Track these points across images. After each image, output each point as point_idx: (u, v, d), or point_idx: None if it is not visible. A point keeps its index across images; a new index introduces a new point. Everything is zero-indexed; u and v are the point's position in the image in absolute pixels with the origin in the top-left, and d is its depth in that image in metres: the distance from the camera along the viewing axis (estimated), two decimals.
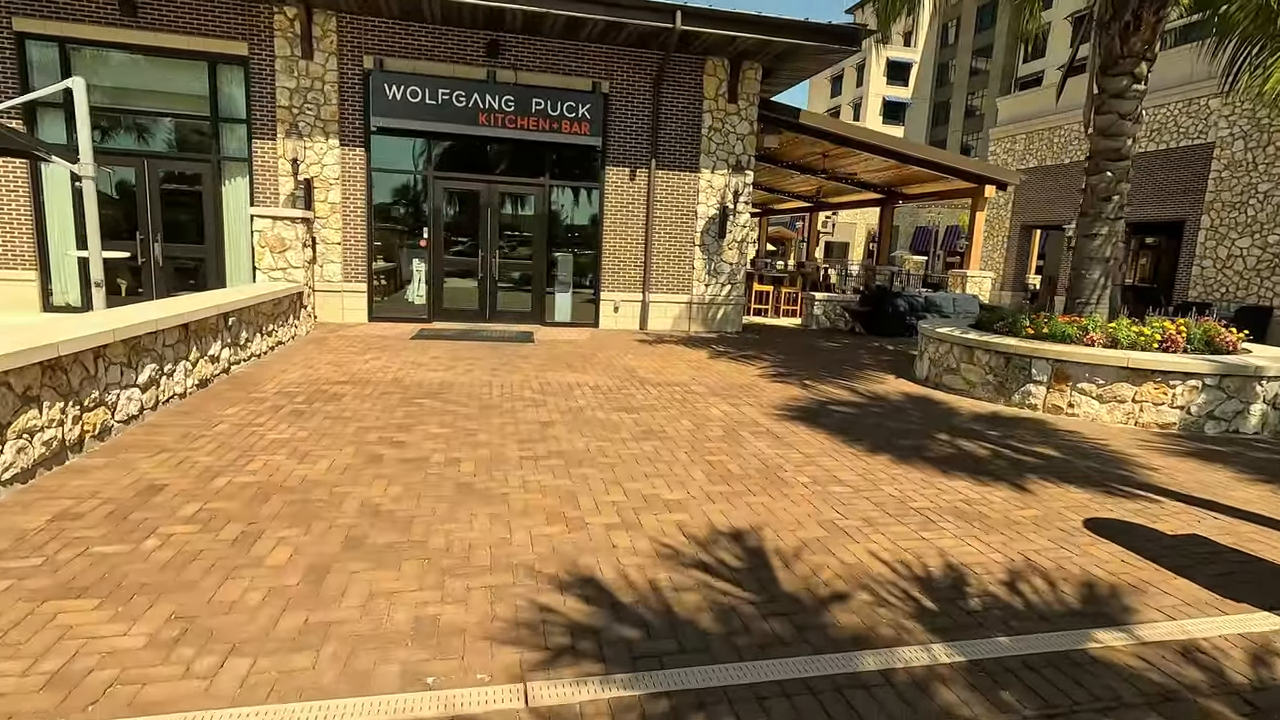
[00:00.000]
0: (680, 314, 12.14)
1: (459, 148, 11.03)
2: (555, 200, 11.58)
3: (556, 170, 11.45)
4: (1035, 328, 7.44)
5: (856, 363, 9.53)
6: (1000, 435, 5.92)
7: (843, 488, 4.37)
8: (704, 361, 8.98)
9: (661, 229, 11.82)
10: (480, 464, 4.47)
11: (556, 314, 11.82)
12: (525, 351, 9.03)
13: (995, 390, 7.24)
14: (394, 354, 8.31)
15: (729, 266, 12.19)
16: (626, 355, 9.15)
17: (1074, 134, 19.90)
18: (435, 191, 11.00)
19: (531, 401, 6.27)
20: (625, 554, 3.28)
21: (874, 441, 5.49)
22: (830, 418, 6.23)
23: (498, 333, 10.55)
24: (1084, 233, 7.95)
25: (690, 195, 11.85)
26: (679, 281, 12.06)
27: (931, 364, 8.16)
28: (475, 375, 7.31)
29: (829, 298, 13.76)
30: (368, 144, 10.61)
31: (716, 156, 11.81)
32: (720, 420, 5.95)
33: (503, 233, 11.50)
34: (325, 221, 10.57)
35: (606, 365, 8.33)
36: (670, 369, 8.31)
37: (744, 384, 7.62)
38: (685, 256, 12.01)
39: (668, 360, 8.94)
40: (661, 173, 11.66)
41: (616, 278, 11.80)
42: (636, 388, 7.13)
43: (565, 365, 8.18)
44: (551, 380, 7.27)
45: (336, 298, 10.80)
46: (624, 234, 11.70)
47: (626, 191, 11.59)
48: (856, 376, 8.43)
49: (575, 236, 11.89)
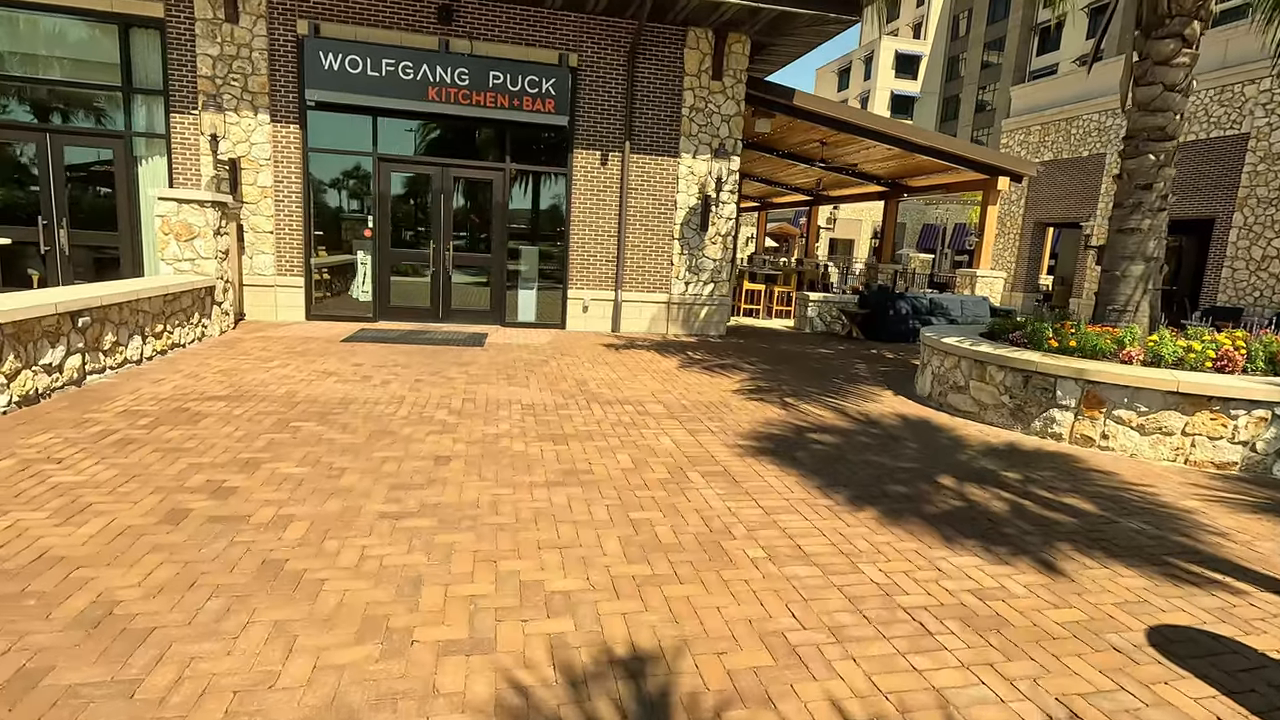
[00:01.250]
0: (657, 315, 10.94)
1: (408, 127, 9.84)
2: (517, 187, 10.39)
3: (519, 153, 10.25)
4: (1060, 340, 6.22)
5: (849, 375, 8.32)
6: (1020, 479, 4.71)
7: (807, 568, 3.18)
8: (673, 372, 7.79)
9: (637, 220, 10.62)
10: (317, 526, 3.30)
11: (519, 313, 10.64)
12: (468, 357, 7.86)
13: (1011, 415, 6.03)
14: (309, 360, 7.15)
15: (712, 263, 10.98)
16: (584, 363, 7.96)
17: (1094, 125, 18.58)
18: (381, 176, 9.82)
19: (440, 426, 5.09)
20: (445, 709, 2.10)
21: (858, 488, 4.30)
22: (807, 451, 5.03)
23: (447, 334, 9.37)
24: (1119, 227, 6.71)
25: (669, 183, 10.64)
26: (656, 279, 10.86)
27: (935, 379, 6.95)
28: (390, 389, 6.13)
29: (824, 298, 12.54)
30: (303, 120, 9.43)
31: (699, 140, 10.59)
32: (668, 455, 4.75)
33: (458, 223, 10.32)
34: (255, 207, 9.40)
35: (555, 376, 7.15)
36: (630, 381, 7.12)
37: (713, 402, 6.43)
38: (663, 251, 10.81)
39: (631, 370, 7.75)
40: (637, 157, 10.45)
41: (586, 274, 10.61)
42: (580, 407, 5.94)
43: (505, 376, 7.00)
44: (480, 396, 6.10)
45: (268, 293, 9.64)
46: (594, 225, 10.50)
47: (597, 178, 10.38)
48: (847, 392, 7.22)
49: (540, 227, 10.70)
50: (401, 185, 10.11)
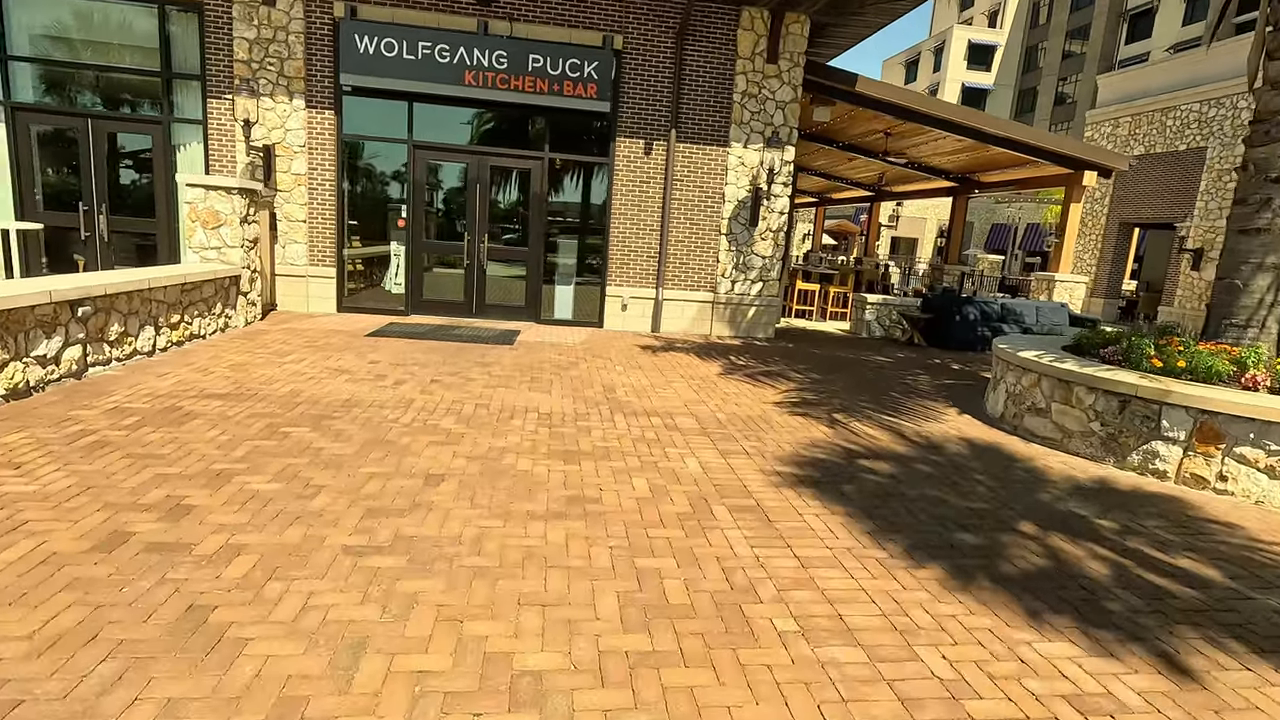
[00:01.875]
0: (700, 314, 10.29)
1: (444, 113, 9.45)
2: (556, 177, 9.88)
3: (558, 141, 9.75)
4: (1165, 359, 5.30)
5: (909, 387, 7.50)
6: (1118, 530, 3.90)
7: (849, 650, 2.52)
8: (711, 379, 7.14)
9: (681, 213, 9.98)
10: (266, 561, 2.82)
11: (555, 310, 10.16)
12: (493, 357, 7.39)
13: (1102, 446, 5.15)
14: (327, 356, 6.81)
15: (761, 260, 10.24)
16: (615, 367, 7.40)
17: (1194, 115, 16.89)
18: (416, 164, 9.47)
19: (444, 437, 4.60)
20: None
21: (916, 535, 3.58)
22: (856, 483, 4.33)
23: (476, 331, 8.95)
24: (1241, 227, 5.71)
25: (717, 174, 9.95)
26: (700, 276, 10.20)
27: (1009, 399, 6.09)
28: (400, 390, 5.70)
29: (883, 301, 11.63)
30: (338, 106, 9.15)
31: (750, 128, 9.86)
32: (693, 483, 4.13)
33: (494, 214, 9.89)
34: (289, 195, 9.18)
35: (582, 381, 6.60)
36: (662, 389, 6.52)
37: (752, 416, 5.76)
38: (709, 247, 10.14)
39: (665, 375, 7.14)
40: (683, 146, 9.80)
41: (626, 270, 10.03)
42: (601, 419, 5.37)
43: (529, 380, 6.49)
44: (496, 402, 5.60)
45: (300, 283, 9.43)
46: (636, 218, 9.91)
47: (640, 168, 9.78)
48: (906, 409, 6.43)
49: (579, 220, 10.18)
50: (437, 174, 9.74)
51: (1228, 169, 15.93)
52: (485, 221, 9.71)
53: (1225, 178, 15.97)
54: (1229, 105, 15.99)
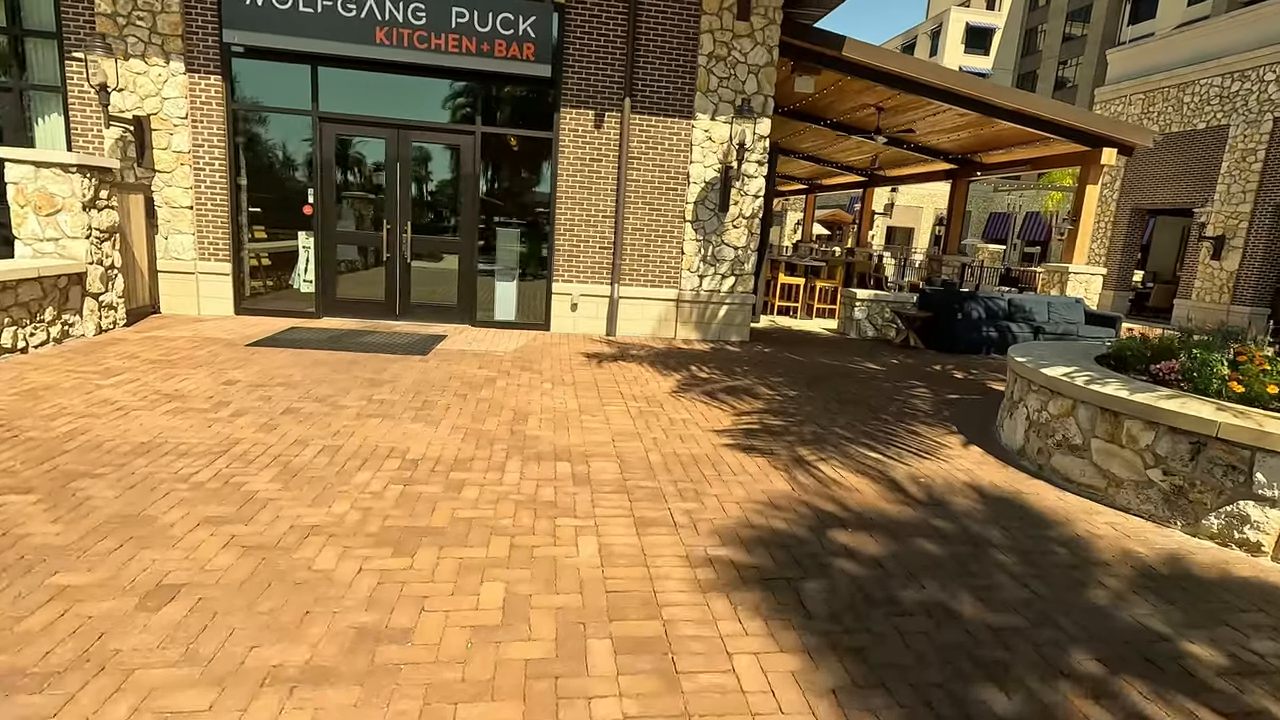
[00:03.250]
0: (664, 314, 8.89)
1: (354, 79, 7.99)
2: (491, 155, 8.45)
3: (492, 113, 8.32)
4: (1247, 382, 3.93)
5: (903, 406, 6.13)
6: (1228, 663, 2.53)
7: None
8: (660, 399, 5.76)
9: (639, 197, 8.57)
10: None
11: (495, 310, 8.75)
12: (395, 372, 6.00)
13: (1166, 503, 3.78)
14: (173, 375, 5.40)
15: (734, 251, 8.84)
16: (543, 384, 6.00)
17: (1215, 91, 15.49)
18: (324, 139, 8.02)
19: (236, 508, 3.21)
20: None
21: (913, 697, 2.21)
22: (824, 580, 2.95)
23: (391, 337, 7.55)
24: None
25: (680, 151, 8.53)
26: (663, 270, 8.80)
27: (1032, 429, 4.72)
28: (232, 427, 4.30)
29: (875, 297, 10.25)
30: (226, 70, 7.70)
31: (719, 97, 8.44)
32: (577, 587, 2.75)
33: (419, 199, 8.47)
34: (169, 177, 7.74)
35: (491, 405, 5.21)
36: (591, 417, 5.13)
37: (696, 456, 4.39)
38: (672, 236, 8.73)
39: (603, 395, 5.76)
40: (639, 119, 8.38)
41: (575, 263, 8.62)
42: (489, 468, 3.98)
43: (420, 405, 5.10)
44: (354, 442, 4.21)
45: (188, 281, 8.00)
46: (586, 203, 8.49)
47: (590, 144, 8.36)
48: (899, 440, 5.06)
49: (520, 205, 8.77)
50: (349, 152, 8.30)
51: (1252, 148, 14.56)
52: (408, 208, 8.29)
53: (1250, 158, 14.60)
54: (1254, 78, 14.59)
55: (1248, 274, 14.67)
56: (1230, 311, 14.92)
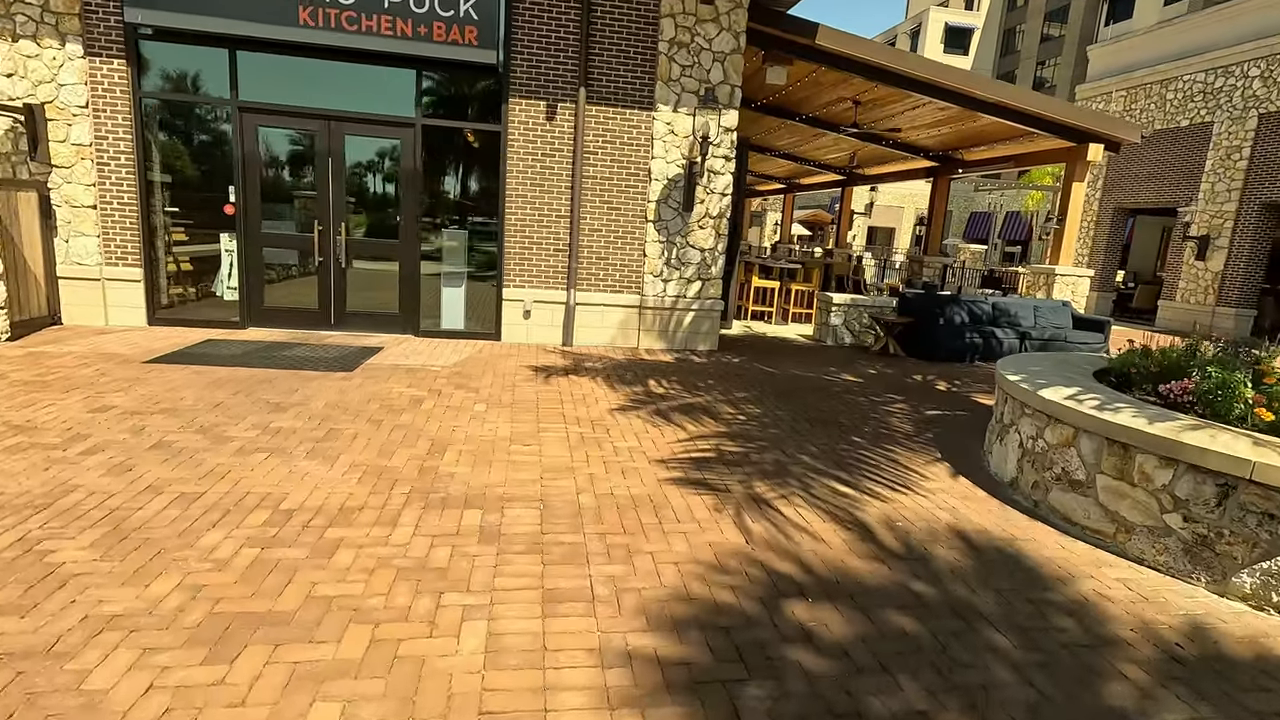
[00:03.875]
0: (626, 322, 8.23)
1: (279, 65, 7.25)
2: (434, 149, 7.73)
3: (434, 103, 7.61)
4: (1278, 409, 3.34)
5: (880, 426, 5.51)
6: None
7: None
8: (606, 422, 5.09)
9: (596, 195, 7.90)
10: None
11: (442, 318, 8.03)
12: (309, 393, 5.28)
13: (1187, 555, 3.18)
14: (39, 400, 4.65)
15: (699, 253, 8.20)
16: (476, 406, 5.31)
17: (1198, 87, 15.12)
18: (245, 132, 7.27)
19: (2, 599, 2.50)
20: None
21: None
22: (773, 684, 2.30)
23: (322, 349, 6.81)
24: None
25: (640, 145, 7.87)
26: (623, 275, 8.14)
27: (1026, 458, 4.11)
28: (76, 469, 3.57)
29: (852, 301, 9.66)
30: (132, 54, 6.92)
31: (681, 87, 7.79)
32: (441, 703, 2.07)
33: (355, 198, 7.73)
34: (68, 173, 6.94)
35: (407, 435, 4.51)
36: (523, 447, 4.45)
37: (636, 498, 3.73)
38: (633, 238, 8.07)
39: (542, 418, 5.08)
40: (596, 110, 7.71)
41: (527, 267, 7.93)
42: (378, 521, 3.29)
43: (323, 435, 4.39)
44: (222, 487, 3.49)
45: (93, 289, 7.20)
46: (539, 202, 7.81)
47: (542, 138, 7.68)
48: (873, 468, 4.43)
49: (467, 204, 8.06)
50: (275, 146, 7.54)
51: (1237, 145, 14.19)
52: (342, 207, 7.55)
53: (1234, 155, 14.23)
54: (1239, 74, 14.23)
55: (1233, 275, 14.30)
56: (1215, 313, 14.55)
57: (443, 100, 7.60)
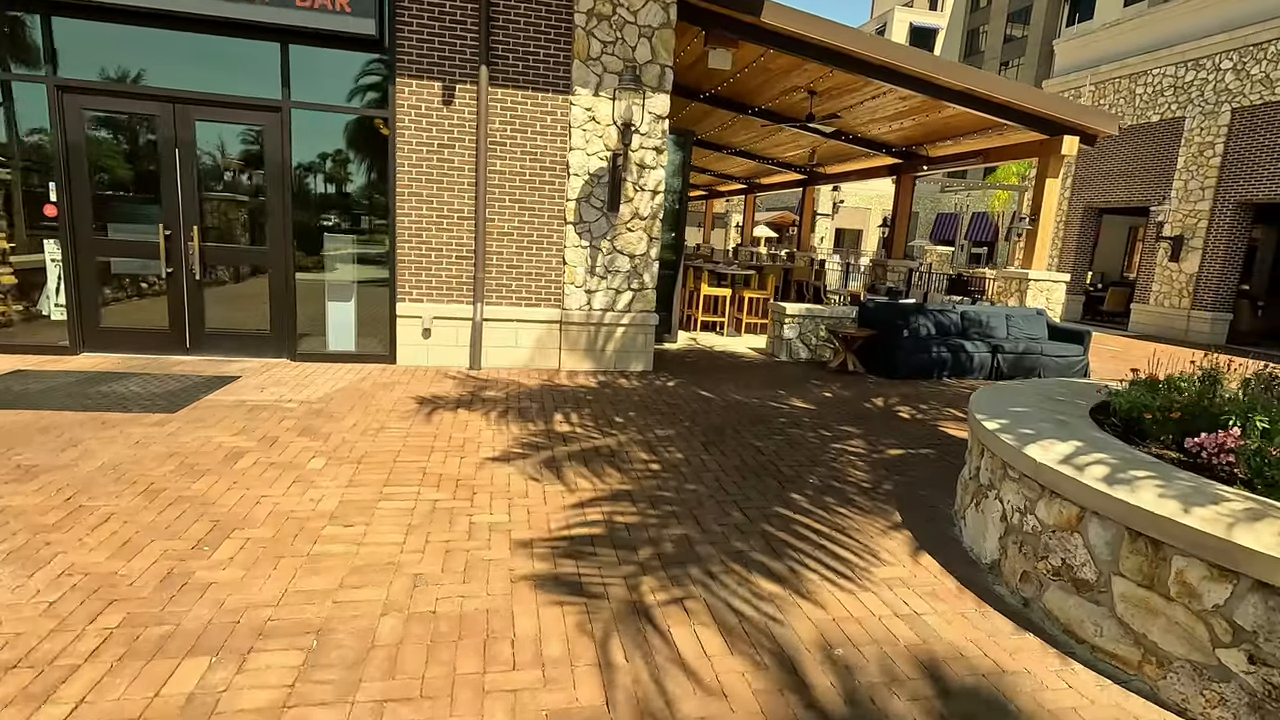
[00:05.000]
0: (545, 340, 7.09)
1: (109, 35, 5.98)
2: (308, 138, 6.52)
3: (306, 84, 6.38)
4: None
5: (829, 474, 4.45)
6: None
7: None
8: (475, 482, 3.95)
9: (506, 194, 6.76)
10: None
11: (329, 337, 6.81)
12: (87, 447, 4.05)
13: (1254, 711, 2.14)
14: None
15: (630, 260, 7.10)
16: (312, 462, 4.12)
17: (1169, 81, 14.49)
18: (68, 116, 5.98)
19: None
20: None
21: None
22: None
23: (157, 381, 5.55)
24: None
25: (556, 134, 6.76)
26: (541, 285, 7.01)
27: (1012, 537, 3.06)
28: None
29: (808, 311, 8.64)
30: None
31: (603, 66, 6.70)
32: None
33: (211, 195, 6.48)
34: None
35: (183, 514, 3.32)
36: (341, 529, 3.29)
37: (466, 618, 2.60)
38: (550, 242, 6.94)
39: (390, 479, 3.92)
40: (501, 93, 6.57)
41: (425, 277, 6.76)
42: (23, 694, 2.11)
43: (51, 524, 3.17)
44: None
45: None
46: (437, 201, 6.64)
47: (439, 125, 6.52)
48: (813, 546, 3.36)
49: (352, 203, 6.86)
50: (108, 133, 6.26)
51: (1210, 141, 13.55)
52: (195, 208, 6.30)
53: (1208, 152, 13.59)
54: (1209, 67, 13.60)
55: (1208, 276, 13.66)
56: (1191, 317, 13.90)
57: (317, 80, 6.38)
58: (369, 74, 6.44)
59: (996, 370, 8.20)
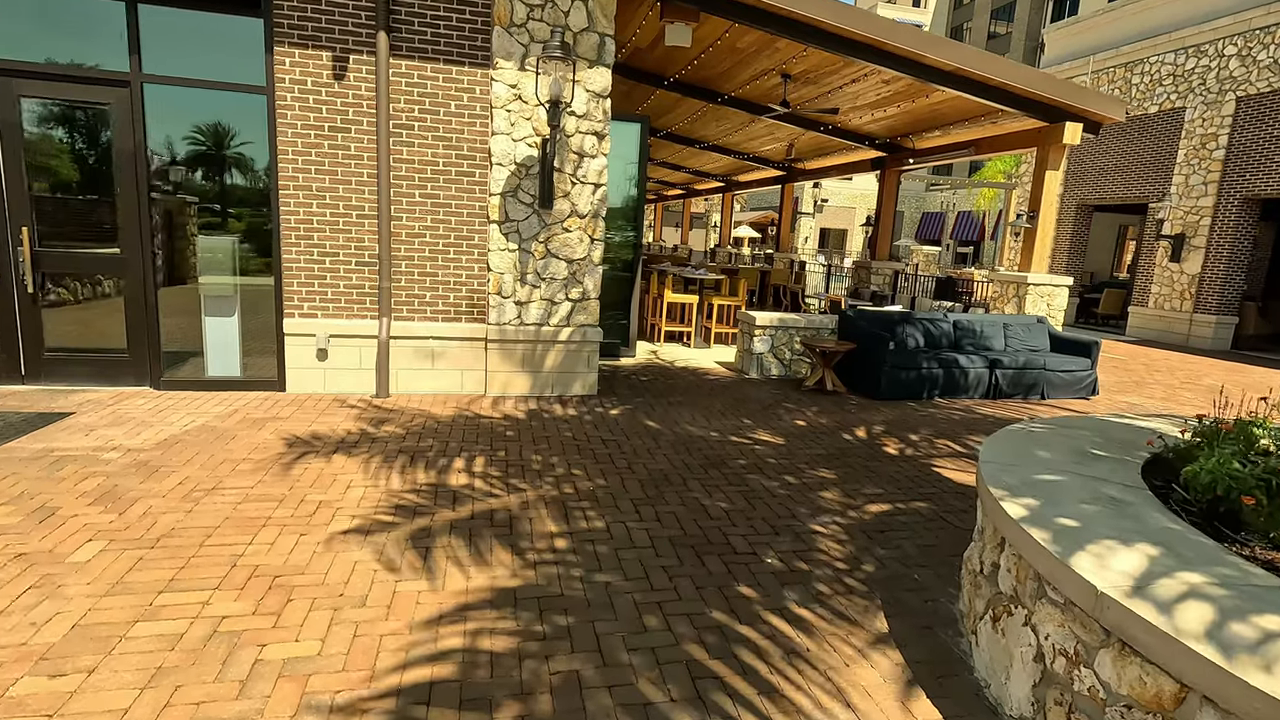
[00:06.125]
0: (469, 360, 5.99)
1: None
2: (166, 119, 5.37)
3: (161, 51, 5.24)
4: None
5: (794, 547, 3.40)
6: None
7: None
8: (304, 573, 2.85)
9: (416, 187, 5.66)
10: None
11: (208, 360, 5.67)
12: None
13: None
14: None
15: (567, 265, 6.02)
16: (72, 556, 3.00)
17: (1168, 70, 13.61)
18: None
19: None
20: None
21: None
22: None
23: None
24: None
25: (475, 116, 5.67)
26: (460, 296, 5.91)
27: (1056, 691, 2.01)
28: None
29: (781, 322, 7.60)
30: None
31: (529, 34, 5.61)
32: None
33: (44, 188, 5.32)
34: None
35: None
36: (62, 668, 2.18)
37: None
38: (471, 245, 5.85)
39: (181, 575, 2.82)
40: (408, 66, 5.47)
41: (319, 287, 5.64)
42: None
43: None
44: None
45: None
46: (331, 195, 5.53)
47: (330, 104, 5.41)
48: (760, 684, 2.30)
49: (228, 198, 5.72)
50: None
51: (1213, 133, 12.68)
52: (25, 203, 5.15)
53: (1210, 144, 12.72)
54: (1212, 53, 12.73)
55: (1211, 278, 12.79)
56: (1193, 321, 13.03)
57: (176, 49, 5.24)
58: (241, 41, 5.31)
59: (994, 388, 7.20)
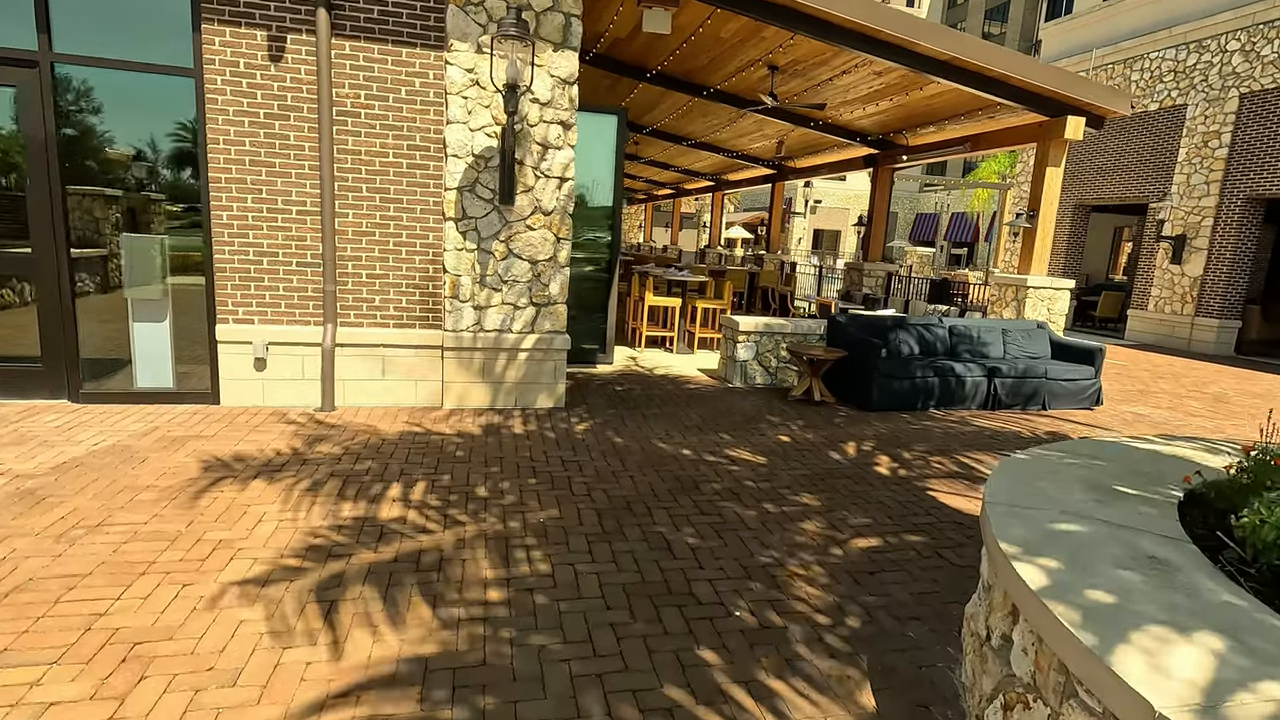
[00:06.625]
0: (420, 370, 5.50)
1: None
2: (82, 104, 4.87)
3: (75, 29, 4.74)
4: None
5: (766, 599, 2.92)
6: None
7: None
8: (178, 626, 2.35)
9: (363, 180, 5.16)
10: None
11: (136, 369, 5.16)
12: None
13: None
14: None
15: (530, 267, 5.53)
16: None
17: (1169, 65, 13.21)
18: None
19: None
20: None
21: None
22: None
23: None
24: None
25: (429, 103, 5.17)
26: (413, 300, 5.41)
27: None
28: None
29: (766, 328, 7.13)
30: None
31: (487, 13, 5.12)
32: None
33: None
34: None
35: None
36: None
37: None
38: (425, 244, 5.36)
39: (30, 633, 2.31)
40: (352, 46, 4.98)
41: (257, 291, 5.14)
42: None
43: None
44: None
45: None
46: (269, 190, 5.02)
47: (267, 89, 4.90)
48: None
49: (153, 191, 5.20)
50: None
51: (1215, 131, 12.29)
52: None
53: (1213, 142, 12.33)
54: (1214, 49, 12.34)
55: (1214, 280, 12.39)
56: (1195, 325, 12.63)
57: (92, 25, 4.73)
58: (166, 17, 4.80)
59: (993, 398, 6.75)
